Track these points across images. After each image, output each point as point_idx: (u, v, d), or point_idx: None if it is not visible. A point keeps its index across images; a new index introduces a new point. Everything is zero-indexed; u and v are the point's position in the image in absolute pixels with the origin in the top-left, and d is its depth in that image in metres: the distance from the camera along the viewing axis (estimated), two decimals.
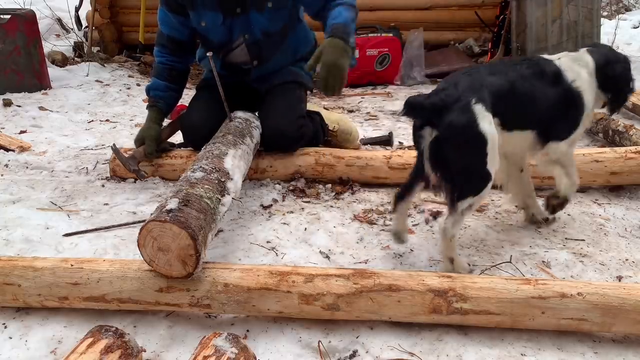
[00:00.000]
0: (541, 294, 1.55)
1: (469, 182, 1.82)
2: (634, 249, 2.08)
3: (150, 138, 2.64)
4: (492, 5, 5.98)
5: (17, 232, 2.14)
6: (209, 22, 2.57)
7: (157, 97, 2.71)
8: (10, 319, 1.66)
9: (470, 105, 1.74)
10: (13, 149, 3.16)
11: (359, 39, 5.38)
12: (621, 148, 2.61)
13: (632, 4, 8.92)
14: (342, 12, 2.44)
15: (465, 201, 1.81)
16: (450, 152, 1.77)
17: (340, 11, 2.44)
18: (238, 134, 2.40)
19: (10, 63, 4.52)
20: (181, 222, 1.57)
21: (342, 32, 2.34)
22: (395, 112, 4.01)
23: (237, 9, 2.53)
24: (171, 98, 2.77)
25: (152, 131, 2.67)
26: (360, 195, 2.57)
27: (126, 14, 6.54)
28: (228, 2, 2.51)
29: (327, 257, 2.02)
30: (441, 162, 1.81)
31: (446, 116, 1.74)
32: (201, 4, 2.52)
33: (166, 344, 1.58)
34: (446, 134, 1.75)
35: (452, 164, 1.79)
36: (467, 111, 1.74)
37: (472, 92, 1.77)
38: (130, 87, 5.07)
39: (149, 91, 2.74)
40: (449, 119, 1.73)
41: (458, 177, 1.81)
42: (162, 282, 1.62)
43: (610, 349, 1.55)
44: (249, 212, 2.38)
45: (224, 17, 2.54)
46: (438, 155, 1.80)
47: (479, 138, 1.75)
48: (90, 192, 2.60)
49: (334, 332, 1.61)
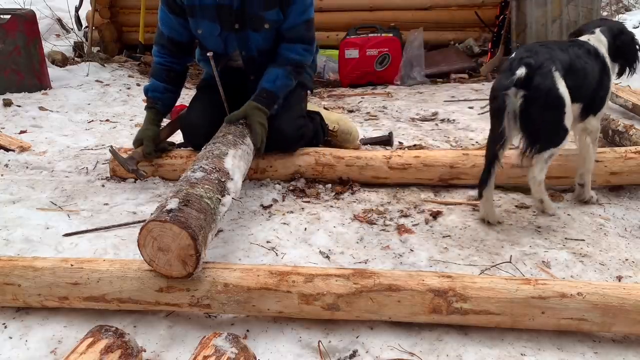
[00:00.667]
0: (541, 294, 1.55)
1: (551, 135, 2.16)
2: (634, 249, 2.08)
3: (148, 139, 2.65)
4: (492, 5, 5.97)
5: (17, 232, 2.14)
6: (206, 31, 2.58)
7: (156, 98, 2.72)
8: (10, 319, 1.67)
9: (551, 72, 2.09)
10: (13, 149, 3.16)
11: (358, 39, 5.40)
12: (621, 148, 2.61)
13: (632, 4, 8.92)
14: (278, 76, 2.56)
15: (548, 151, 2.17)
16: (536, 109, 2.08)
17: (278, 75, 2.56)
18: (238, 134, 2.39)
19: (10, 63, 4.52)
20: (181, 222, 1.57)
21: (265, 100, 2.55)
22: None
23: (235, 25, 2.53)
24: (169, 99, 2.78)
25: (150, 132, 2.68)
26: (360, 195, 2.57)
27: (126, 14, 6.54)
28: (227, 16, 2.51)
29: (327, 257, 2.02)
30: (527, 119, 2.10)
31: (533, 79, 2.06)
32: (200, 12, 2.53)
33: (166, 344, 1.58)
34: (534, 94, 2.07)
35: (537, 120, 2.10)
36: (549, 76, 2.09)
37: (551, 61, 2.12)
38: (130, 87, 5.07)
39: (147, 92, 2.74)
40: (536, 82, 2.06)
41: (542, 131, 2.14)
42: (162, 282, 1.62)
43: (610, 349, 1.55)
44: (249, 212, 2.38)
45: (221, 29, 2.55)
46: (524, 113, 2.09)
47: (560, 99, 2.11)
48: (90, 192, 2.60)
49: (334, 332, 1.61)
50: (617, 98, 3.77)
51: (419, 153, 2.66)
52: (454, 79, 5.54)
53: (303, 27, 2.58)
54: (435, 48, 5.96)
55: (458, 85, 5.24)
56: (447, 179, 2.60)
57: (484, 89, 4.95)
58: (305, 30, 2.59)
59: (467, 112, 4.16)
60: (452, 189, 2.62)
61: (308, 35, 2.62)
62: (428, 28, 5.80)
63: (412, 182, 2.64)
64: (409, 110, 4.31)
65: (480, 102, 4.39)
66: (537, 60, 2.10)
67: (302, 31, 2.58)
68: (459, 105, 4.42)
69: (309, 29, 2.62)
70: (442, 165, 2.59)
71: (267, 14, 2.51)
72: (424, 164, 2.60)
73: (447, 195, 2.57)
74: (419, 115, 4.15)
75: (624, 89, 3.91)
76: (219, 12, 2.50)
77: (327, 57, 5.83)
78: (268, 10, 2.50)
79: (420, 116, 4.13)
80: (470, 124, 3.80)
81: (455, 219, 2.31)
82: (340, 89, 5.42)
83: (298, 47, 2.59)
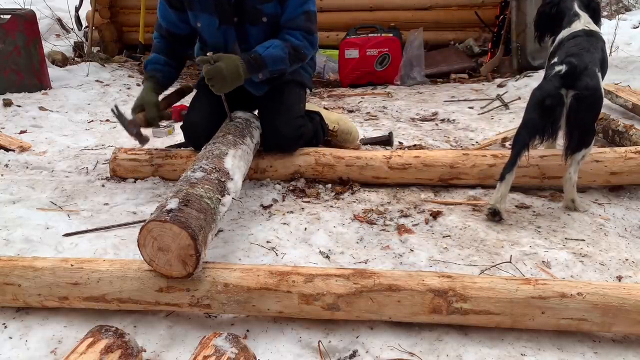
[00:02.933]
0: (541, 294, 1.54)
1: (586, 135, 2.26)
2: (634, 249, 2.08)
3: (150, 104, 2.54)
4: (492, 5, 5.98)
5: (17, 232, 2.14)
6: (205, 24, 2.57)
7: (156, 69, 2.65)
8: (10, 319, 1.67)
9: (596, 72, 2.25)
10: (13, 149, 3.16)
11: (358, 39, 5.40)
12: (621, 148, 2.61)
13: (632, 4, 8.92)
14: (273, 45, 2.47)
15: (581, 152, 2.28)
16: (582, 108, 2.20)
17: (273, 44, 2.47)
18: (238, 134, 2.39)
19: (10, 63, 4.52)
20: (181, 222, 1.57)
21: (252, 61, 2.41)
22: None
23: (234, 18, 2.52)
24: (170, 73, 2.70)
25: (152, 97, 2.56)
26: (360, 195, 2.57)
27: (126, 14, 6.55)
28: (225, 9, 2.50)
29: (327, 257, 2.02)
30: (574, 118, 2.21)
31: (583, 80, 2.18)
32: (199, 5, 2.52)
33: (166, 344, 1.58)
34: (584, 93, 2.18)
35: (578, 119, 2.21)
36: (595, 77, 2.24)
37: (593, 63, 2.27)
38: (130, 87, 5.07)
39: (147, 65, 2.67)
40: (585, 82, 2.18)
41: (580, 130, 2.23)
42: (162, 282, 1.62)
43: (610, 349, 1.55)
44: (249, 212, 2.38)
45: (219, 22, 2.54)
46: (572, 112, 2.20)
47: (601, 99, 2.27)
48: (90, 192, 2.60)
49: (334, 332, 1.61)
50: (617, 98, 3.77)
51: (419, 153, 2.66)
52: (454, 79, 5.54)
53: (302, 17, 2.53)
54: (435, 48, 5.97)
55: (458, 85, 5.24)
56: (447, 179, 2.60)
57: (484, 89, 4.96)
58: (305, 20, 2.54)
59: (467, 112, 4.16)
60: (452, 189, 2.62)
61: (308, 25, 2.55)
62: (428, 28, 5.81)
63: (412, 182, 2.64)
64: (409, 110, 4.32)
65: (480, 102, 4.39)
66: (582, 62, 2.22)
67: (302, 22, 2.53)
68: (459, 105, 4.42)
69: (309, 21, 2.56)
70: (442, 165, 2.59)
71: (265, 7, 2.49)
72: (424, 164, 2.60)
73: (447, 195, 2.57)
74: (419, 115, 4.15)
75: (624, 89, 3.91)
76: (217, 4, 2.49)
77: (327, 57, 5.84)
78: (266, 3, 2.48)
79: (420, 116, 4.13)
80: (470, 124, 3.80)
81: (455, 219, 2.31)
82: (340, 89, 5.43)
83: (297, 34, 2.53)
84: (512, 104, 4.19)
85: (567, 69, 2.20)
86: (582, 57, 2.26)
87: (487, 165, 2.56)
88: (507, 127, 3.64)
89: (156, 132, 3.40)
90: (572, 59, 2.23)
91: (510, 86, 4.76)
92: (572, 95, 2.19)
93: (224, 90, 2.39)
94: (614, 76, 4.24)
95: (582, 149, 2.27)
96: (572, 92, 2.19)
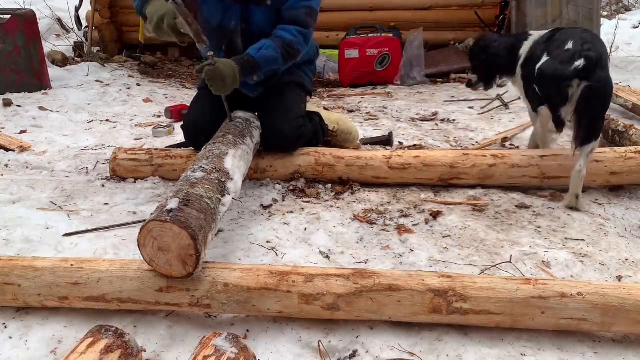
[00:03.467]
0: (541, 294, 1.54)
1: (594, 127, 2.27)
2: (634, 249, 2.08)
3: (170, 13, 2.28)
4: (492, 5, 5.98)
5: (17, 232, 2.14)
6: None
7: None
8: (10, 319, 1.66)
9: (607, 65, 2.28)
10: (13, 149, 3.16)
11: (358, 39, 5.40)
12: (621, 148, 2.61)
13: (632, 4, 8.92)
14: (264, 46, 2.46)
15: (590, 145, 2.27)
16: (593, 99, 2.21)
17: (264, 45, 2.46)
18: (238, 134, 2.40)
19: (10, 63, 4.52)
20: (181, 222, 1.57)
21: (246, 64, 2.41)
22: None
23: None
24: None
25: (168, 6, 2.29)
26: (360, 195, 2.57)
27: (126, 14, 6.54)
28: None
29: (327, 257, 2.02)
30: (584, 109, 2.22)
31: (596, 71, 2.21)
32: None
33: (166, 344, 1.58)
34: (597, 85, 2.20)
35: (589, 110, 2.23)
36: (606, 69, 2.27)
37: (606, 54, 2.30)
38: (130, 87, 5.07)
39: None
40: (598, 74, 2.21)
41: (590, 122, 2.24)
42: (162, 282, 1.62)
43: (610, 349, 1.55)
44: (249, 212, 2.38)
45: None
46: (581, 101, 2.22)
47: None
48: (90, 192, 2.60)
49: (334, 332, 1.61)
50: (617, 98, 3.77)
51: (419, 153, 2.66)
52: (454, 79, 5.54)
53: (303, 11, 2.53)
54: (435, 48, 5.97)
55: (458, 85, 5.24)
56: (447, 179, 2.60)
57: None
58: (304, 14, 2.53)
59: (467, 112, 4.16)
60: (452, 189, 2.62)
61: (306, 19, 2.55)
62: (428, 28, 5.81)
63: (412, 182, 2.64)
64: (409, 110, 4.32)
65: (480, 102, 4.39)
66: (598, 52, 2.24)
67: (301, 15, 2.53)
68: (459, 105, 4.42)
69: (309, 16, 2.55)
70: (442, 165, 2.59)
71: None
72: (424, 164, 2.60)
73: (447, 195, 2.57)
74: (419, 115, 4.15)
75: (624, 89, 3.91)
76: None
77: (327, 57, 5.84)
78: None
79: (420, 116, 4.13)
80: (470, 124, 3.81)
81: (455, 219, 2.31)
82: (340, 89, 5.43)
83: (292, 29, 2.52)
84: (512, 104, 4.19)
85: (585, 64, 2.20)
86: (597, 48, 2.27)
87: (487, 165, 2.56)
88: (507, 127, 3.64)
89: (156, 132, 3.40)
90: (589, 51, 2.23)
91: (510, 86, 4.75)
92: (585, 86, 2.20)
93: (223, 92, 2.40)
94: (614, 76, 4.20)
95: (591, 141, 2.27)
96: (585, 82, 2.21)
